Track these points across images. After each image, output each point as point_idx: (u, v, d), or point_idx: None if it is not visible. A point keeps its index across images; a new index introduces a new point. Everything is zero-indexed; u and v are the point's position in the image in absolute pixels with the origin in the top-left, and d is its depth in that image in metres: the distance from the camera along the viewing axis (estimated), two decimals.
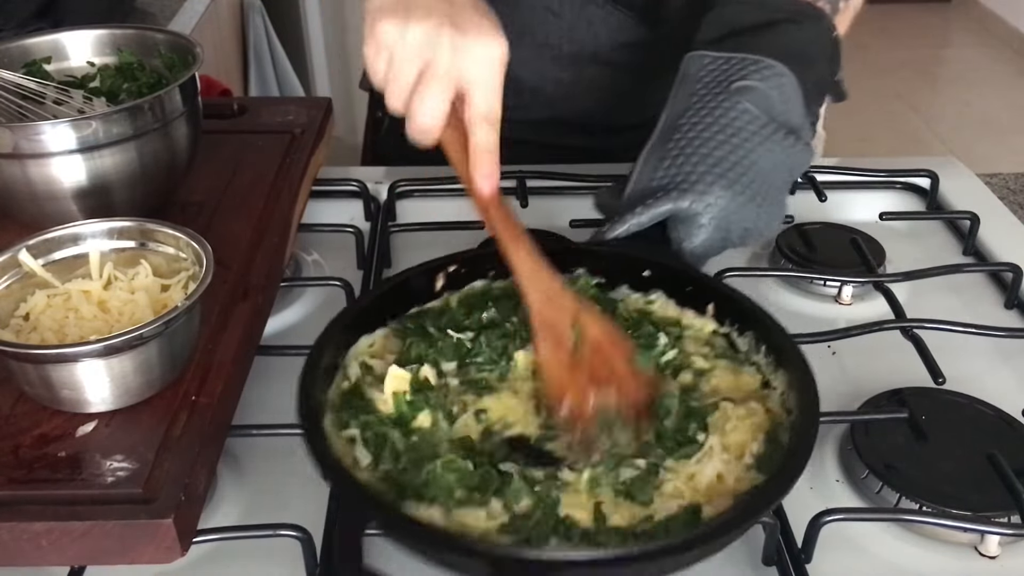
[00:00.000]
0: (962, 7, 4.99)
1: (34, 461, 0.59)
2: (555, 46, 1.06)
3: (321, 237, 0.95)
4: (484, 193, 0.67)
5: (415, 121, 0.66)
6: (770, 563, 0.63)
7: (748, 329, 0.69)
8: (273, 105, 1.02)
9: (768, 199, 0.75)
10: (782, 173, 0.77)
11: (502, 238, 0.68)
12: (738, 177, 0.74)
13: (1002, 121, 3.85)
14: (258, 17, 2.40)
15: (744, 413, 0.64)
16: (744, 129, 0.75)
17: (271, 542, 0.62)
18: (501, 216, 0.68)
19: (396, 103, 0.66)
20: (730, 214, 0.73)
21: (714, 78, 0.79)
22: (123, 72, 0.85)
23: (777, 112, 0.77)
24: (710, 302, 0.72)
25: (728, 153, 0.74)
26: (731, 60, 0.79)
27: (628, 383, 0.65)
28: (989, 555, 0.65)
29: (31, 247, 0.67)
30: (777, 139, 0.76)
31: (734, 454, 0.61)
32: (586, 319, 0.67)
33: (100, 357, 0.60)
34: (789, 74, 0.78)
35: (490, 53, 0.65)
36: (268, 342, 0.77)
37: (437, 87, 0.65)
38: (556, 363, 0.66)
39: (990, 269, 0.92)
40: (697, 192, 0.73)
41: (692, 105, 0.78)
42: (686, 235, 0.74)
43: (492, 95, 0.65)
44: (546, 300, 0.67)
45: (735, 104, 0.76)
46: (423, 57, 0.64)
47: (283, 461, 0.71)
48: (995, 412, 0.73)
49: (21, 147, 0.71)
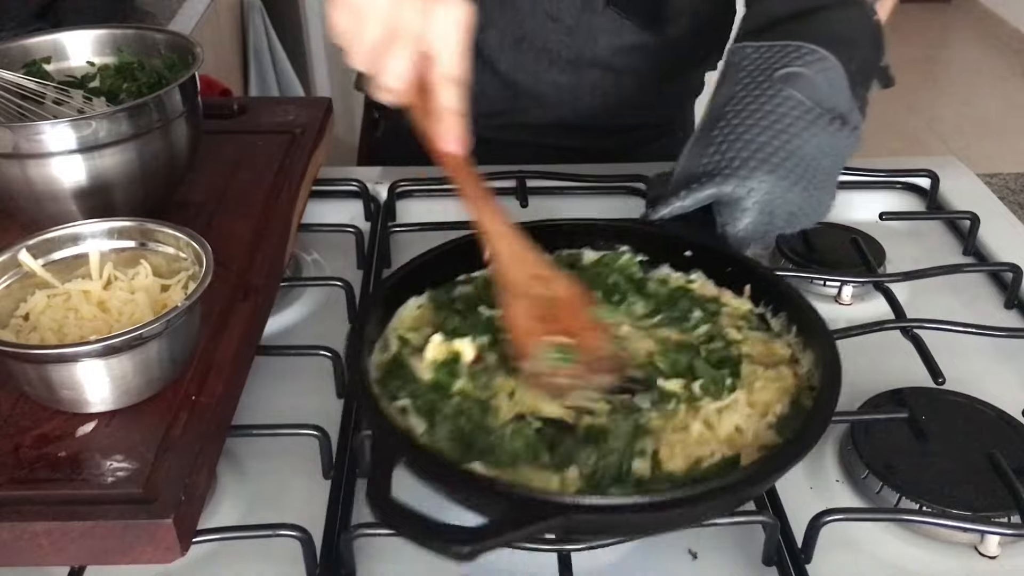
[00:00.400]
0: (962, 7, 4.99)
1: (34, 461, 0.59)
2: (554, 51, 1.06)
3: (321, 237, 0.95)
4: (450, 154, 0.68)
5: (381, 82, 0.66)
6: (770, 563, 0.63)
7: (782, 310, 0.71)
8: (273, 105, 1.02)
9: (815, 184, 0.76)
10: (829, 158, 0.78)
11: (470, 199, 0.69)
12: (782, 162, 0.74)
13: (1002, 121, 3.85)
14: (258, 17, 2.40)
15: (773, 376, 0.66)
16: (787, 115, 0.76)
17: (271, 542, 0.62)
18: (467, 177, 0.69)
19: (360, 62, 0.66)
20: (774, 199, 0.74)
21: (758, 67, 0.80)
22: (123, 72, 0.85)
23: (823, 98, 0.78)
24: (747, 283, 0.74)
25: (772, 139, 0.75)
26: (773, 48, 0.80)
27: (591, 336, 0.67)
28: (989, 555, 0.65)
29: (31, 247, 0.67)
30: (822, 124, 0.77)
31: (758, 411, 0.64)
32: (551, 277, 0.69)
33: (100, 357, 0.60)
34: (833, 59, 0.79)
35: (456, 15, 0.65)
36: (268, 342, 0.77)
37: (403, 49, 0.64)
38: (521, 319, 0.67)
39: (990, 269, 0.92)
40: (740, 177, 0.74)
41: (736, 93, 0.79)
42: (730, 219, 0.75)
43: (458, 56, 0.65)
44: (512, 258, 0.69)
45: (779, 91, 0.77)
46: (390, 18, 0.64)
47: (283, 461, 0.71)
48: (995, 412, 0.73)
49: (21, 147, 0.71)
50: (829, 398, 0.62)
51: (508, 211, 0.97)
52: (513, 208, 0.99)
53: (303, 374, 0.78)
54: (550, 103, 1.10)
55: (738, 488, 0.56)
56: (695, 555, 0.64)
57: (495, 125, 1.13)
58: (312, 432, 0.68)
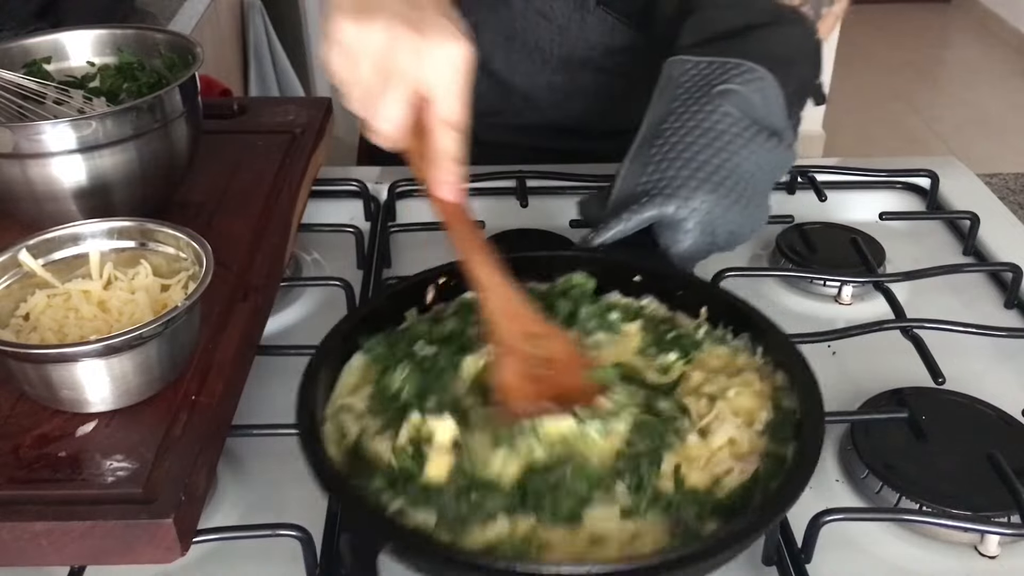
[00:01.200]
0: (962, 7, 4.99)
1: (34, 461, 0.59)
2: (546, 50, 1.06)
3: (321, 237, 0.95)
4: (446, 201, 0.65)
5: (375, 127, 0.63)
6: (770, 563, 0.63)
7: (743, 331, 0.70)
8: (273, 105, 1.02)
9: (752, 201, 0.75)
10: (765, 175, 0.77)
11: (463, 249, 0.66)
12: (722, 180, 0.73)
13: (1002, 121, 3.85)
14: (258, 17, 2.40)
15: (740, 381, 0.65)
16: (726, 132, 0.75)
17: (271, 542, 0.62)
18: (463, 226, 0.66)
19: (356, 106, 0.64)
20: (715, 218, 0.73)
21: (695, 82, 0.79)
22: (123, 72, 0.85)
23: (759, 115, 0.78)
24: (703, 305, 0.72)
25: (711, 157, 0.74)
26: (712, 64, 0.79)
27: (586, 397, 0.64)
28: (989, 555, 0.65)
29: (31, 247, 0.67)
30: (760, 141, 0.76)
31: (744, 419, 0.63)
32: (546, 334, 0.66)
33: (100, 357, 0.60)
34: (770, 77, 0.78)
35: (452, 56, 0.62)
36: (268, 342, 0.77)
37: (396, 92, 0.62)
38: (512, 378, 0.64)
39: (990, 269, 0.92)
40: (682, 197, 0.73)
41: (674, 110, 0.78)
42: (672, 240, 0.74)
43: (455, 99, 0.63)
44: (506, 314, 0.66)
45: (717, 108, 0.76)
46: (384, 60, 0.62)
47: (283, 461, 0.70)
48: (995, 412, 0.73)
49: (21, 147, 0.71)
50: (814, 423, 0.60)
51: (508, 211, 0.98)
52: (513, 208, 0.99)
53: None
54: (543, 104, 1.10)
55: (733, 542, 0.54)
56: None
57: (488, 125, 1.13)
58: None
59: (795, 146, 0.81)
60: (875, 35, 4.52)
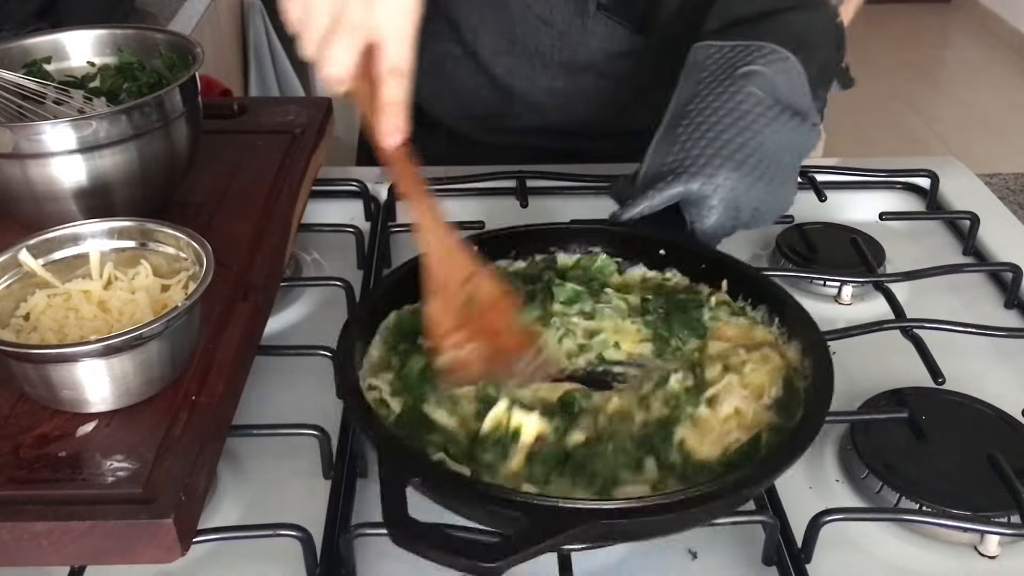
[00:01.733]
0: (962, 7, 4.99)
1: (34, 461, 0.59)
2: (546, 55, 1.06)
3: (321, 237, 0.95)
4: (389, 147, 0.68)
5: (325, 70, 0.66)
6: (770, 563, 0.63)
7: (761, 303, 0.73)
8: (273, 105, 1.02)
9: (777, 179, 0.77)
10: (790, 153, 0.79)
11: (406, 193, 0.69)
12: (746, 158, 0.75)
13: (1002, 121, 3.85)
14: (258, 17, 2.40)
15: (759, 357, 0.68)
16: (750, 112, 0.77)
17: (271, 542, 0.62)
18: (406, 171, 0.69)
19: (308, 50, 0.67)
20: (740, 195, 0.75)
21: (719, 65, 0.81)
22: (123, 72, 0.85)
23: (783, 95, 0.79)
24: (723, 278, 0.76)
25: (735, 135, 0.76)
26: (736, 48, 0.81)
27: (511, 340, 0.69)
28: (989, 555, 0.65)
29: (31, 247, 0.67)
30: (783, 120, 0.78)
31: (753, 393, 0.66)
32: (478, 278, 0.69)
33: (100, 357, 0.60)
34: (793, 59, 0.80)
35: (402, 5, 0.65)
36: (268, 342, 0.77)
37: (347, 38, 0.65)
38: (441, 316, 0.68)
39: (990, 269, 0.92)
40: (706, 175, 0.75)
41: (699, 92, 0.80)
42: (697, 217, 0.76)
43: (403, 47, 0.65)
44: (442, 256, 0.69)
45: (741, 88, 0.78)
46: (336, 6, 0.65)
47: (283, 461, 0.71)
48: (995, 412, 0.73)
49: (21, 147, 0.71)
50: (823, 389, 0.63)
51: (508, 211, 0.98)
52: (513, 208, 0.99)
53: (303, 374, 0.78)
54: (545, 108, 1.10)
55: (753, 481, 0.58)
56: (695, 555, 0.64)
57: (490, 128, 1.13)
58: (312, 432, 0.68)
59: (820, 126, 0.82)
60: (875, 35, 4.52)
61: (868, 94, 3.97)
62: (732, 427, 0.64)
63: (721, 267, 0.76)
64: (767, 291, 0.73)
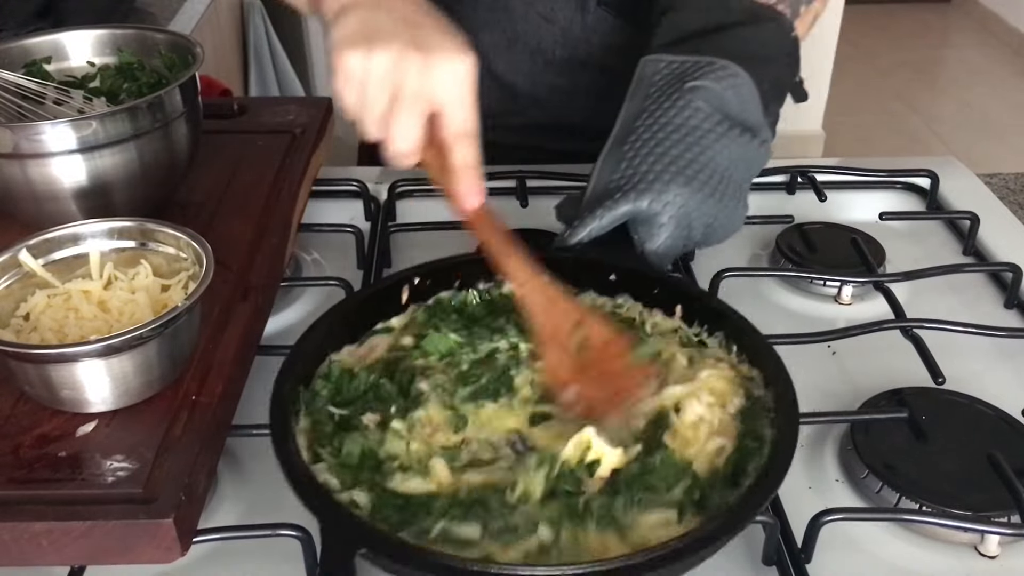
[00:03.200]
0: (962, 7, 4.99)
1: (34, 461, 0.59)
2: (548, 52, 1.06)
3: (321, 237, 0.95)
4: (472, 208, 0.67)
5: (392, 148, 0.65)
6: (770, 563, 0.63)
7: (718, 329, 0.71)
8: (273, 105, 1.02)
9: (728, 194, 0.76)
10: (740, 170, 0.78)
11: (494, 250, 0.68)
12: (695, 174, 0.74)
13: (1002, 121, 3.85)
14: (258, 17, 2.40)
15: (712, 364, 0.67)
16: (699, 127, 0.76)
17: (271, 542, 0.62)
18: (491, 228, 0.68)
19: (372, 131, 0.66)
20: (690, 211, 0.74)
21: (667, 80, 0.79)
22: (123, 72, 0.85)
23: (732, 111, 0.78)
24: (677, 303, 0.73)
25: (684, 151, 0.75)
26: (685, 63, 0.80)
27: (627, 380, 0.66)
28: (989, 555, 0.65)
29: (31, 247, 0.67)
30: (733, 136, 0.77)
31: (717, 400, 0.64)
32: (587, 321, 0.67)
33: (100, 357, 0.60)
34: (744, 74, 0.79)
35: (457, 70, 0.64)
36: (268, 342, 0.77)
37: (408, 112, 0.64)
38: (561, 370, 0.66)
39: (990, 269, 0.92)
40: (655, 191, 0.73)
41: (647, 107, 0.79)
42: (647, 236, 0.74)
43: (465, 111, 0.65)
44: (547, 307, 0.67)
45: (688, 103, 0.77)
46: (392, 83, 0.64)
47: None
48: (995, 412, 0.73)
49: (21, 147, 0.71)
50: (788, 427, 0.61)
51: (508, 211, 0.98)
52: (513, 208, 0.99)
53: None
54: (545, 105, 1.10)
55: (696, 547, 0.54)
56: None
57: (492, 126, 1.13)
58: None
59: (770, 143, 0.81)
60: (875, 35, 4.52)
61: (868, 94, 3.98)
62: (704, 434, 0.62)
63: (674, 291, 0.73)
64: (724, 317, 0.70)
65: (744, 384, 0.66)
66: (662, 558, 0.52)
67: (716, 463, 0.61)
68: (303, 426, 0.64)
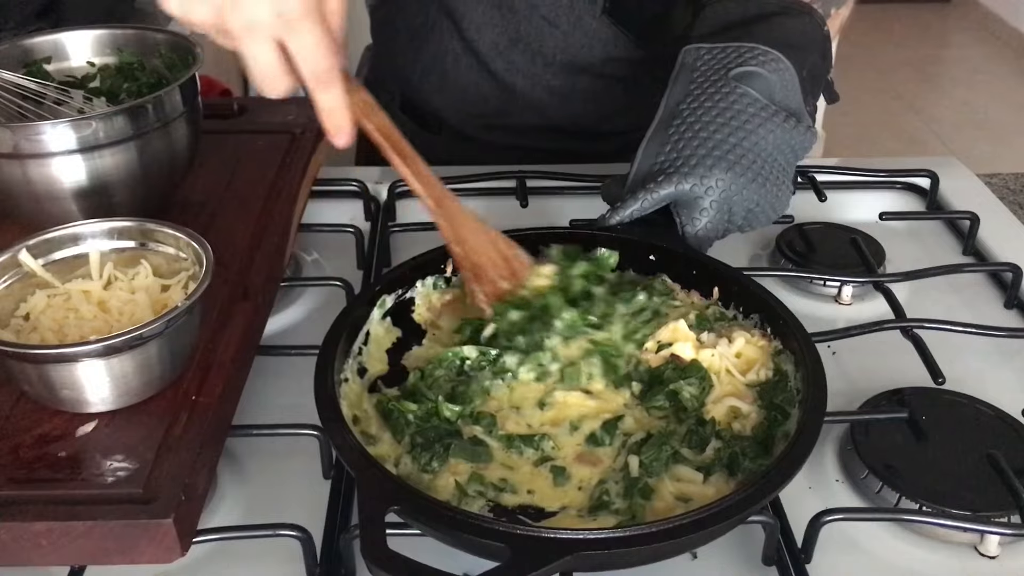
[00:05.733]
0: (962, 7, 4.99)
1: (34, 461, 0.59)
2: (549, 55, 1.06)
3: (321, 237, 0.95)
4: (344, 144, 0.70)
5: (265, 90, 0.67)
6: (770, 563, 0.63)
7: (752, 312, 0.72)
8: (273, 105, 1.02)
9: (771, 180, 0.76)
10: (785, 154, 0.78)
11: (392, 158, 0.73)
12: (738, 159, 0.74)
13: (1002, 121, 3.85)
14: None
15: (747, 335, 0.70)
16: (744, 112, 0.76)
17: (271, 542, 0.62)
18: (388, 140, 0.72)
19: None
20: (732, 196, 0.74)
21: (711, 67, 0.80)
22: (123, 72, 0.85)
23: (776, 96, 0.79)
24: (714, 285, 0.75)
25: (728, 135, 0.75)
26: (727, 49, 0.80)
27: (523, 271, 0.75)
28: (989, 555, 0.65)
29: (31, 247, 0.67)
30: (778, 121, 0.77)
31: (741, 366, 0.68)
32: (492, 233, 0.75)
33: (100, 357, 0.60)
34: (786, 61, 0.79)
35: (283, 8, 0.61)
36: (268, 342, 0.77)
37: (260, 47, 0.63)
38: (490, 285, 0.74)
39: (990, 269, 0.92)
40: (698, 175, 0.74)
41: (691, 92, 0.79)
42: (688, 219, 0.75)
43: (316, 49, 0.64)
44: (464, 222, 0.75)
45: (734, 89, 0.77)
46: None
47: (283, 461, 0.71)
48: (995, 412, 0.73)
49: (21, 147, 0.71)
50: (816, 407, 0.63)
51: (508, 211, 0.98)
52: (513, 208, 0.99)
53: (303, 374, 0.77)
54: (543, 106, 1.10)
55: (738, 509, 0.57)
56: (695, 555, 0.64)
57: (489, 126, 1.13)
58: (312, 432, 0.68)
59: (815, 129, 0.82)
60: (875, 35, 4.52)
61: (868, 94, 3.98)
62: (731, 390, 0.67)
63: (712, 273, 0.75)
64: (761, 301, 0.72)
65: (774, 356, 0.69)
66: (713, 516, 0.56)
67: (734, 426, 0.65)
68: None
